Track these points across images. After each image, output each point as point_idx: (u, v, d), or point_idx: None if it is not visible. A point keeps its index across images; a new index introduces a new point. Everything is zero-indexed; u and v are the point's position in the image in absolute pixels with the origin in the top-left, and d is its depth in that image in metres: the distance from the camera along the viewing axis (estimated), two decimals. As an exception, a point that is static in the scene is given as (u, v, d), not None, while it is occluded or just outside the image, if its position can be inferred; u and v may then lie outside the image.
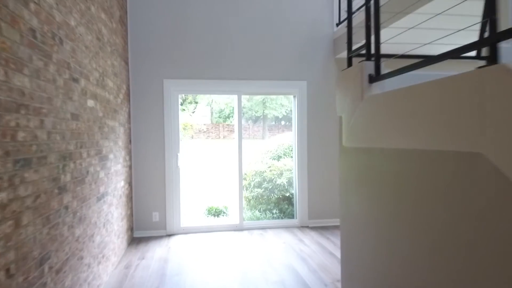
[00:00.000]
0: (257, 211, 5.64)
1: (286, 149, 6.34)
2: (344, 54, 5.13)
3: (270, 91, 5.26)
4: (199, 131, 10.92)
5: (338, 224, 5.38)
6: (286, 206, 5.60)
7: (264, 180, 5.79)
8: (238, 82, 5.11)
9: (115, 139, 3.93)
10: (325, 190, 5.40)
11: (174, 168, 5.00)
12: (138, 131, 4.93)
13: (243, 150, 5.23)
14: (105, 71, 3.56)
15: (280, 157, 6.31)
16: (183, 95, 6.39)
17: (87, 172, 2.94)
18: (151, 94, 4.94)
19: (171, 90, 4.96)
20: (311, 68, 5.33)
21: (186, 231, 5.05)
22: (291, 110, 7.77)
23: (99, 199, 3.26)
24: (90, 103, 3.06)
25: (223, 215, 6.22)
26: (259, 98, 10.32)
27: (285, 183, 5.64)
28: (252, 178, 5.90)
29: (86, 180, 2.91)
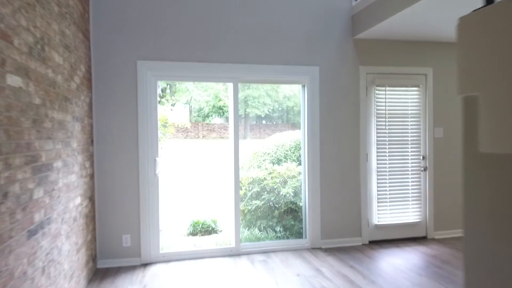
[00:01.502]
0: (256, 229, 4.56)
1: (287, 150, 5.28)
2: (365, 34, 4.11)
3: (274, 79, 4.18)
4: (180, 129, 9.71)
5: (356, 244, 4.36)
6: (292, 222, 4.55)
7: (264, 189, 4.71)
8: (234, 67, 4.00)
9: (65, 139, 2.75)
10: (342, 202, 4.37)
11: (151, 177, 3.84)
12: (103, 129, 3.73)
13: (240, 153, 4.13)
14: (47, 38, 2.38)
15: (280, 160, 5.24)
16: (164, 83, 5.22)
17: (5, 194, 1.77)
18: (121, 80, 3.75)
19: (148, 75, 3.80)
20: (324, 51, 4.28)
21: (166, 259, 3.89)
22: (273, 109, 6.56)
23: (32, 233, 2.08)
24: (14, 81, 1.89)
25: (213, 232, 5.09)
26: (241, 96, 9.25)
27: (291, 193, 4.59)
28: (248, 187, 4.80)
29: (3, 208, 1.74)
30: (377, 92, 4.40)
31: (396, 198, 4.48)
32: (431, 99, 4.55)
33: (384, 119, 4.42)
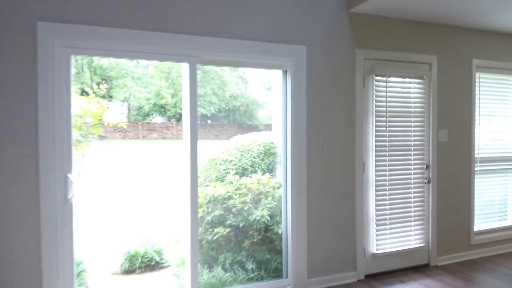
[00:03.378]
0: (220, 268, 3.35)
1: (254, 157, 4.12)
2: (363, 7, 3.11)
3: (247, 61, 3.00)
4: (116, 129, 8.12)
5: (351, 280, 3.35)
6: (268, 256, 3.42)
7: (229, 211, 3.51)
8: (192, 40, 2.75)
9: None
10: (334, 226, 3.33)
11: (60, 204, 2.45)
12: (-27, 128, 2.28)
13: (198, 159, 2.92)
14: None
15: (246, 170, 4.07)
16: (83, 59, 3.75)
17: None
18: (10, 52, 2.33)
19: (56, 45, 2.41)
20: (313, 26, 3.20)
21: (86, 329, 2.54)
22: (219, 109, 5.47)
23: None
24: None
25: (158, 268, 3.77)
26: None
27: (267, 217, 3.45)
28: (206, 208, 3.56)
29: None
30: (376, 83, 3.42)
31: (397, 219, 3.55)
32: (435, 94, 3.69)
33: (384, 118, 3.46)
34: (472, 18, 3.54)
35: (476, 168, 3.95)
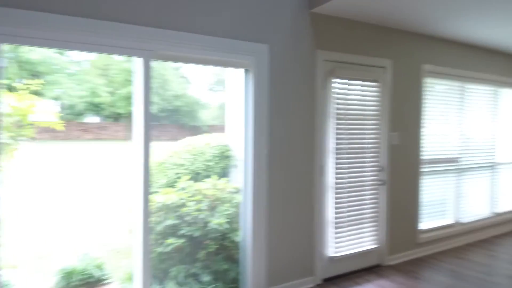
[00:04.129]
0: (172, 283, 3.06)
1: (208, 161, 3.89)
2: (325, 7, 3.05)
3: (206, 58, 2.76)
4: (45, 130, 7.24)
5: (308, 286, 3.29)
6: (226, 266, 3.20)
7: (182, 220, 3.23)
8: (147, 32, 2.45)
9: None
10: (293, 231, 3.23)
11: (-16, 223, 2.02)
12: None
13: (150, 162, 2.62)
14: None
15: (199, 174, 3.82)
16: (10, 51, 3.19)
17: None
18: None
19: (-25, 27, 1.96)
20: (275, 24, 3.05)
21: None
22: (163, 109, 5.28)
23: None
24: None
25: (99, 285, 3.36)
26: (125, 92, 7.39)
27: (225, 225, 3.23)
28: (157, 217, 3.25)
29: None
30: (335, 86, 3.38)
31: (354, 221, 3.56)
32: (389, 97, 3.77)
33: (343, 121, 3.43)
34: (424, 26, 3.66)
35: (422, 170, 4.12)
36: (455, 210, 4.48)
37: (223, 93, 3.94)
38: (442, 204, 4.43)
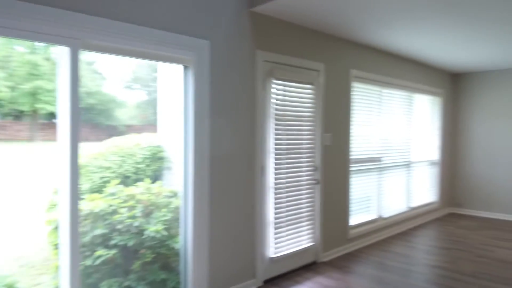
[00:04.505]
0: (105, 298, 2.75)
1: (139, 163, 3.61)
2: (265, 7, 3.07)
3: (142, 51, 2.54)
4: None
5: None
6: (164, 276, 2.97)
7: (112, 227, 2.92)
8: (74, 18, 2.17)
9: None
10: (235, 234, 3.15)
11: None
12: None
13: (78, 164, 2.34)
14: None
15: (128, 178, 3.53)
16: None
17: None
18: None
19: None
20: (216, 20, 2.95)
21: None
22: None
23: None
24: None
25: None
26: (29, 87, 6.64)
27: (163, 232, 2.99)
28: (84, 226, 2.90)
29: None
30: (274, 87, 3.39)
31: (292, 220, 3.60)
32: (322, 100, 3.91)
33: (282, 122, 3.46)
34: (352, 32, 3.88)
35: (351, 169, 4.36)
36: (378, 206, 4.83)
37: (142, 91, 3.74)
38: (367, 201, 4.73)
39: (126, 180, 3.38)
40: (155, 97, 3.64)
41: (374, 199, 4.80)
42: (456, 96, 6.48)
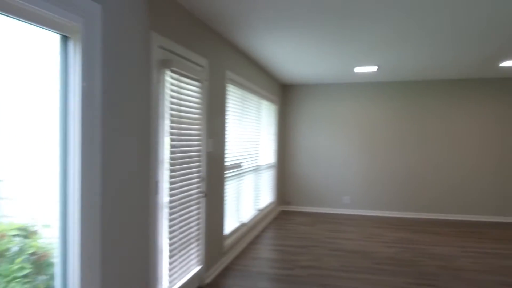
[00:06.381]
0: None
1: None
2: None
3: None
4: None
5: None
6: None
7: None
8: None
9: None
10: (130, 268, 2.32)
11: None
12: None
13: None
14: None
15: None
16: None
17: None
18: None
19: None
20: (108, -21, 2.08)
21: None
22: None
23: None
24: None
25: None
26: None
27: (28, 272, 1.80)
28: None
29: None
30: (169, 80, 2.72)
31: (184, 244, 2.99)
32: (208, 100, 3.46)
33: (176, 125, 2.81)
34: (231, 33, 3.61)
35: (226, 176, 4.06)
36: (239, 212, 4.71)
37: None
38: (233, 209, 4.53)
39: None
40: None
41: (235, 205, 4.66)
42: (286, 104, 7.16)
